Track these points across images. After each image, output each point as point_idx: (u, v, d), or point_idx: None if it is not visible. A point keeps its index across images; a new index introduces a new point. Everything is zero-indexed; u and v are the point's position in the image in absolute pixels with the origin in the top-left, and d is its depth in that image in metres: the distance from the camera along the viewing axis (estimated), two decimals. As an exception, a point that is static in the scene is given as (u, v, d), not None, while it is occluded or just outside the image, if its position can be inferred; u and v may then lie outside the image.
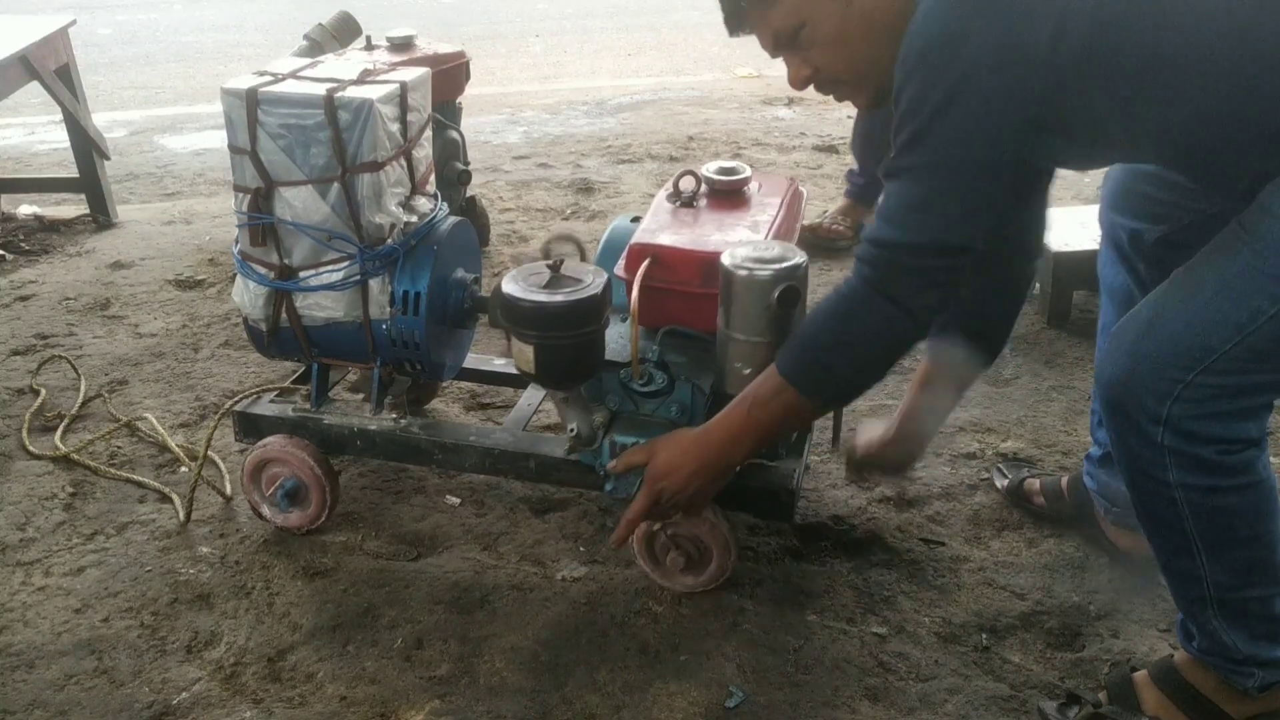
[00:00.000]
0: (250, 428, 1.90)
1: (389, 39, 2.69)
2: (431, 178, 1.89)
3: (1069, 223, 2.64)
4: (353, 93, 1.63)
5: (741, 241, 1.59)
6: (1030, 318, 2.64)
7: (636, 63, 6.07)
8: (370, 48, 2.68)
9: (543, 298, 1.51)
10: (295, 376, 2.01)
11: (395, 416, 1.86)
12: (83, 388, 2.38)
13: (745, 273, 1.50)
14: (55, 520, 1.96)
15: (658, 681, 1.58)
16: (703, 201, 1.80)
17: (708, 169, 1.82)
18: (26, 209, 3.51)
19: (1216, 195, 1.35)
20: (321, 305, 1.76)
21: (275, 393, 1.95)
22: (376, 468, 2.09)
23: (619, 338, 1.68)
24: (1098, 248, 2.47)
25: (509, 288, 1.54)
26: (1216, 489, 1.24)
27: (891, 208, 1.26)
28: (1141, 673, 1.48)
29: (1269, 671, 1.35)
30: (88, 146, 3.34)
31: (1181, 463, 1.23)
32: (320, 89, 1.64)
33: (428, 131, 1.84)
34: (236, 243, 1.78)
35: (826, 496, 1.99)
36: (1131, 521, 1.74)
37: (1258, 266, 1.17)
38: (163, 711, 1.54)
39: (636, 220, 1.80)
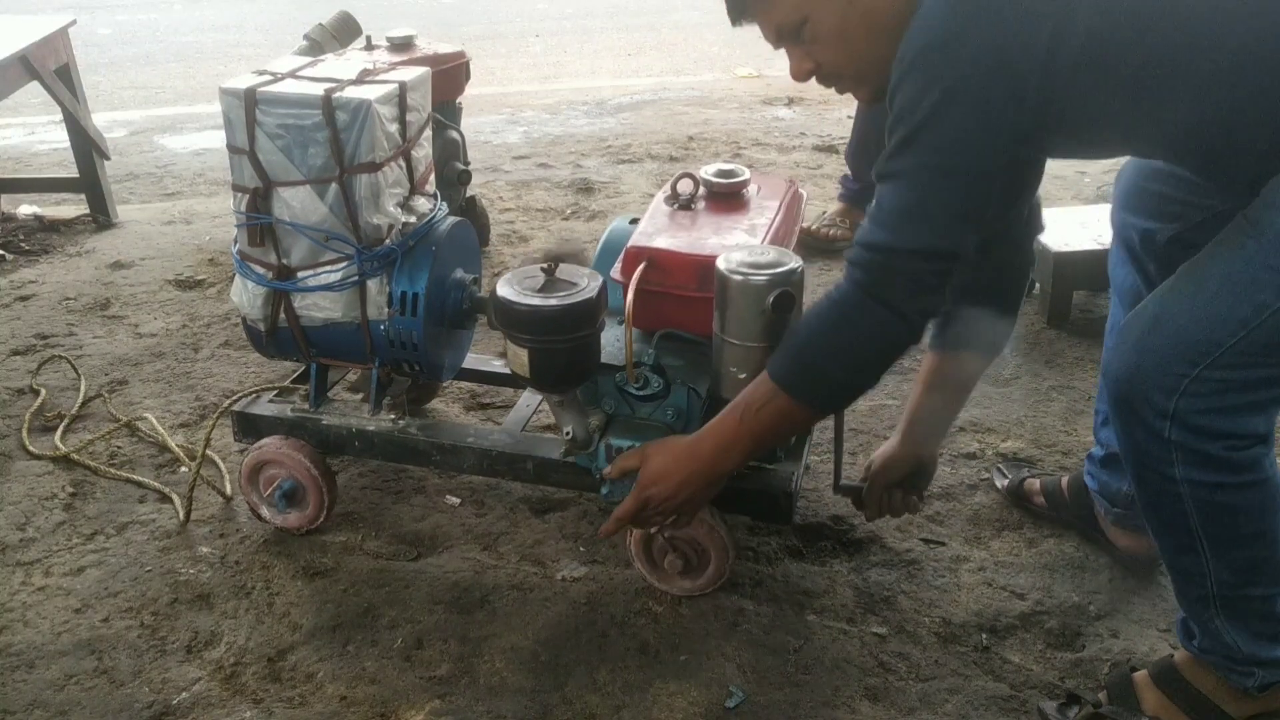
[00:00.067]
0: (249, 428, 1.90)
1: (389, 39, 2.69)
2: (431, 178, 1.89)
3: (1069, 223, 2.64)
4: (351, 93, 1.63)
5: (737, 246, 1.59)
6: (1030, 318, 2.64)
7: (636, 63, 6.07)
8: (370, 48, 2.68)
9: (537, 301, 1.51)
10: (294, 376, 2.01)
11: (394, 417, 1.86)
12: (83, 388, 2.38)
13: (740, 277, 1.49)
14: (55, 520, 1.96)
15: (658, 681, 1.58)
16: (701, 204, 1.80)
17: (706, 171, 1.82)
18: (26, 209, 3.51)
19: (1222, 191, 1.35)
20: (320, 306, 1.75)
21: (274, 393, 1.95)
22: (376, 468, 2.09)
23: (615, 341, 1.68)
24: (1098, 248, 2.49)
25: (504, 291, 1.54)
26: (1223, 486, 1.24)
27: (883, 211, 1.25)
28: (1141, 673, 1.48)
29: (1269, 671, 1.35)
30: (88, 146, 3.34)
31: (1188, 459, 1.23)
32: (318, 89, 1.64)
33: (427, 131, 1.84)
34: (235, 243, 1.78)
35: (826, 496, 1.99)
36: (1132, 522, 1.75)
37: (1262, 260, 1.17)
38: (163, 711, 1.55)
39: (635, 222, 1.80)
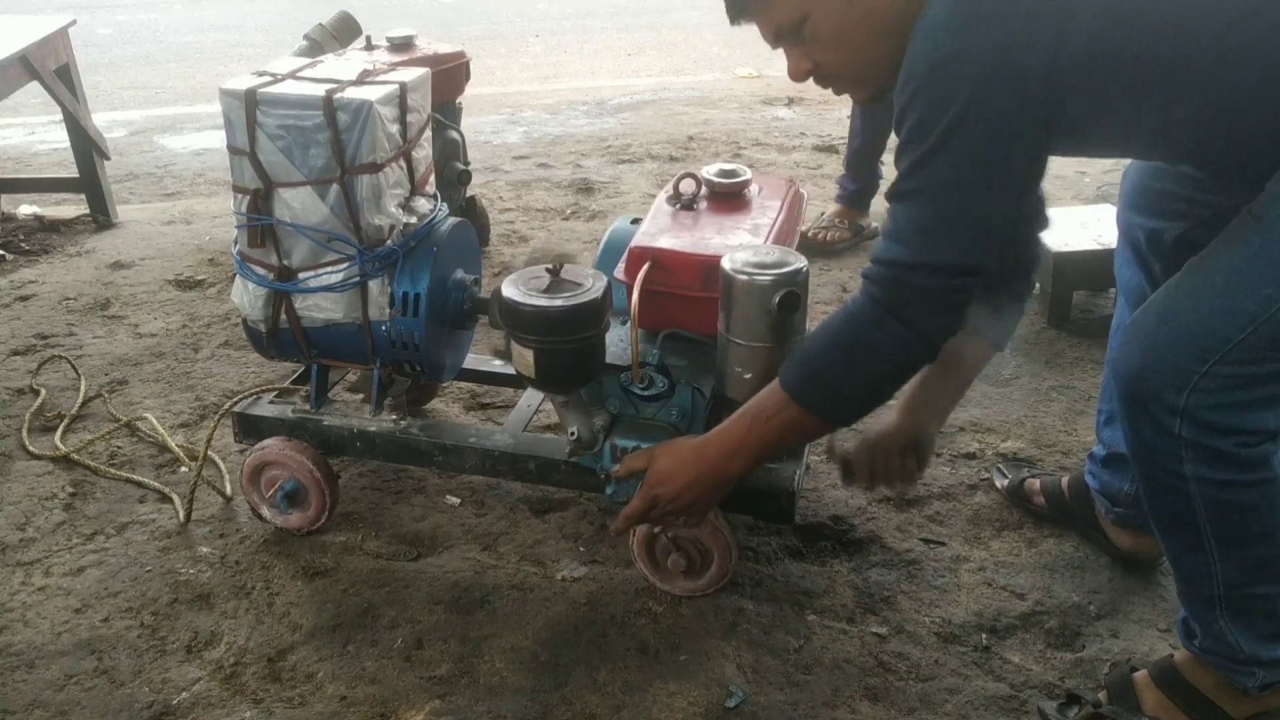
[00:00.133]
0: (250, 428, 1.90)
1: (389, 39, 2.69)
2: (431, 178, 1.89)
3: (1069, 223, 2.64)
4: (352, 94, 1.63)
5: (742, 245, 1.59)
6: (1030, 318, 2.64)
7: (636, 63, 6.07)
8: (370, 48, 2.68)
9: (543, 302, 1.51)
10: (295, 377, 2.01)
11: (395, 418, 1.86)
12: (83, 388, 2.38)
13: (746, 277, 1.49)
14: (55, 520, 1.96)
15: (658, 681, 1.58)
16: (703, 204, 1.80)
17: (708, 171, 1.82)
18: (26, 209, 3.51)
19: (1226, 187, 1.34)
20: (321, 307, 1.76)
21: (275, 393, 1.95)
22: (376, 468, 2.09)
23: (619, 341, 1.68)
24: (1098, 248, 2.49)
25: (509, 292, 1.54)
26: (1232, 483, 1.24)
27: (900, 228, 1.24)
28: (1141, 673, 1.48)
29: (1270, 671, 1.35)
30: (88, 146, 3.34)
31: (1198, 456, 1.23)
32: (319, 90, 1.64)
33: (427, 132, 1.84)
34: (236, 243, 1.78)
35: (826, 496, 1.99)
36: (1134, 522, 1.75)
37: (1268, 255, 1.17)
38: (163, 711, 1.55)
39: (636, 222, 1.80)
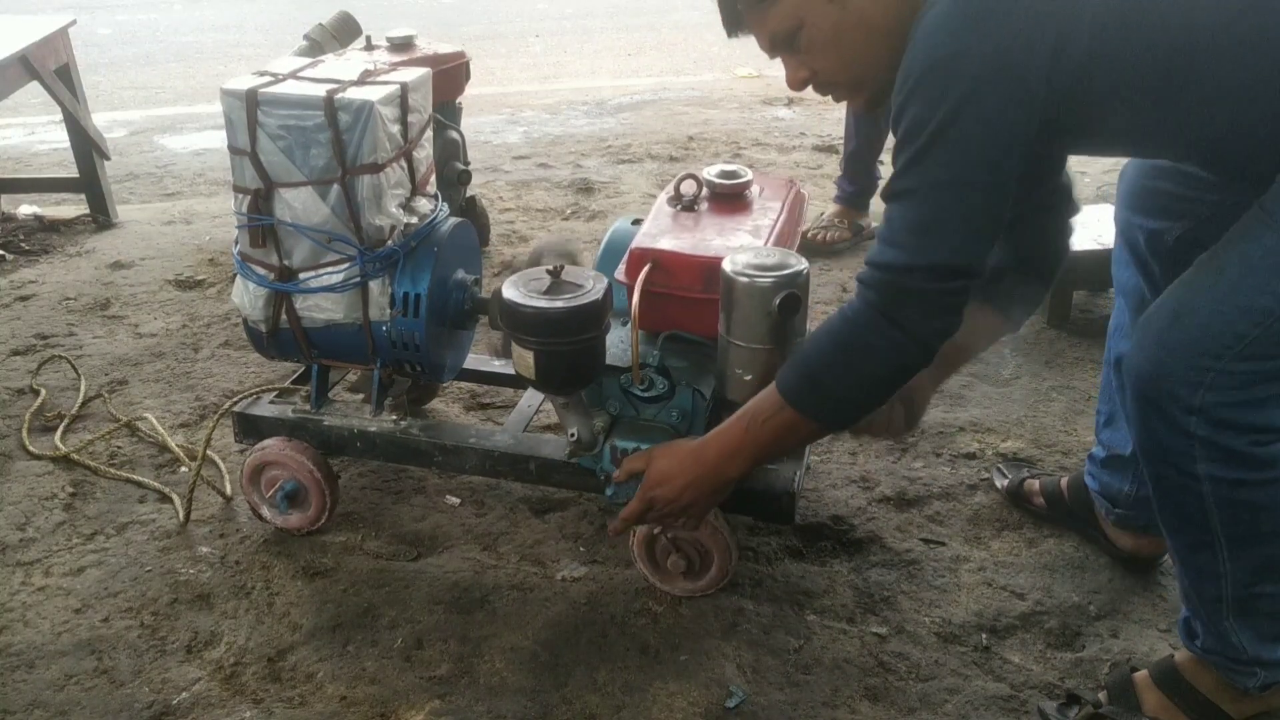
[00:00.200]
0: (250, 429, 1.90)
1: (389, 39, 2.69)
2: (432, 178, 1.89)
3: (1069, 223, 2.64)
4: (353, 94, 1.63)
5: (743, 247, 1.59)
6: (1030, 318, 2.64)
7: (636, 63, 6.07)
8: (370, 48, 2.68)
9: (543, 304, 1.51)
10: (295, 377, 2.01)
11: (395, 418, 1.86)
12: (83, 388, 2.38)
13: (746, 279, 1.49)
14: (55, 520, 1.96)
15: (658, 681, 1.58)
16: (704, 205, 1.80)
17: (709, 172, 1.82)
18: (26, 209, 3.51)
19: (1233, 184, 1.34)
20: (321, 307, 1.75)
21: (275, 393, 1.95)
22: (377, 468, 2.09)
23: (620, 342, 1.68)
24: (1098, 248, 2.49)
25: (509, 293, 1.54)
26: (1245, 483, 1.23)
27: (894, 230, 1.24)
28: (1142, 673, 1.48)
29: (1271, 671, 1.35)
30: (88, 146, 3.34)
31: (1211, 455, 1.22)
32: (320, 90, 1.63)
33: (428, 132, 1.84)
34: (236, 243, 1.78)
35: (826, 496, 2.00)
36: (1134, 523, 1.75)
37: None
38: (163, 711, 1.55)
39: (637, 223, 1.80)
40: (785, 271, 1.50)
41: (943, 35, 1.16)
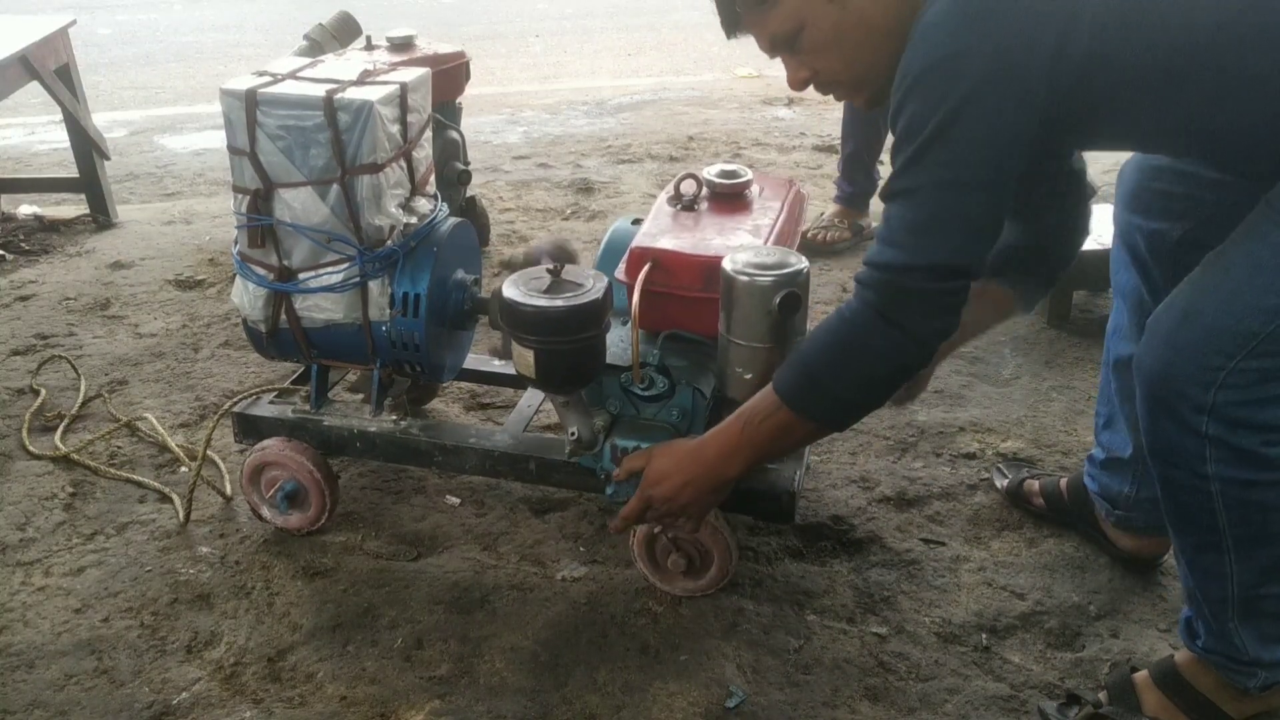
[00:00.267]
0: (250, 429, 1.90)
1: (389, 39, 2.69)
2: (431, 178, 1.89)
3: (1069, 223, 2.64)
4: (352, 94, 1.63)
5: (743, 246, 1.59)
6: (1030, 317, 2.65)
7: (636, 63, 6.07)
8: (370, 48, 2.68)
9: (543, 303, 1.51)
10: (295, 377, 2.01)
11: (395, 418, 1.86)
12: (83, 388, 2.38)
13: (746, 278, 1.49)
14: (55, 520, 1.96)
15: (658, 681, 1.58)
16: (704, 205, 1.80)
17: (709, 172, 1.82)
18: (26, 209, 3.51)
19: (1235, 181, 1.33)
20: (321, 307, 1.75)
21: (275, 393, 1.95)
22: (376, 468, 2.09)
23: (620, 341, 1.68)
24: (1098, 248, 2.48)
25: (510, 292, 1.54)
26: (1255, 483, 1.23)
27: (893, 230, 1.23)
28: (1142, 673, 1.48)
29: (1271, 672, 1.35)
30: (88, 146, 3.34)
31: (1222, 455, 1.22)
32: (320, 90, 1.63)
33: (428, 132, 1.84)
34: (236, 243, 1.78)
35: (826, 496, 2.00)
36: (1133, 524, 1.75)
37: None
38: (163, 711, 1.55)
39: (637, 222, 1.80)
40: (785, 270, 1.50)
41: (942, 35, 1.16)
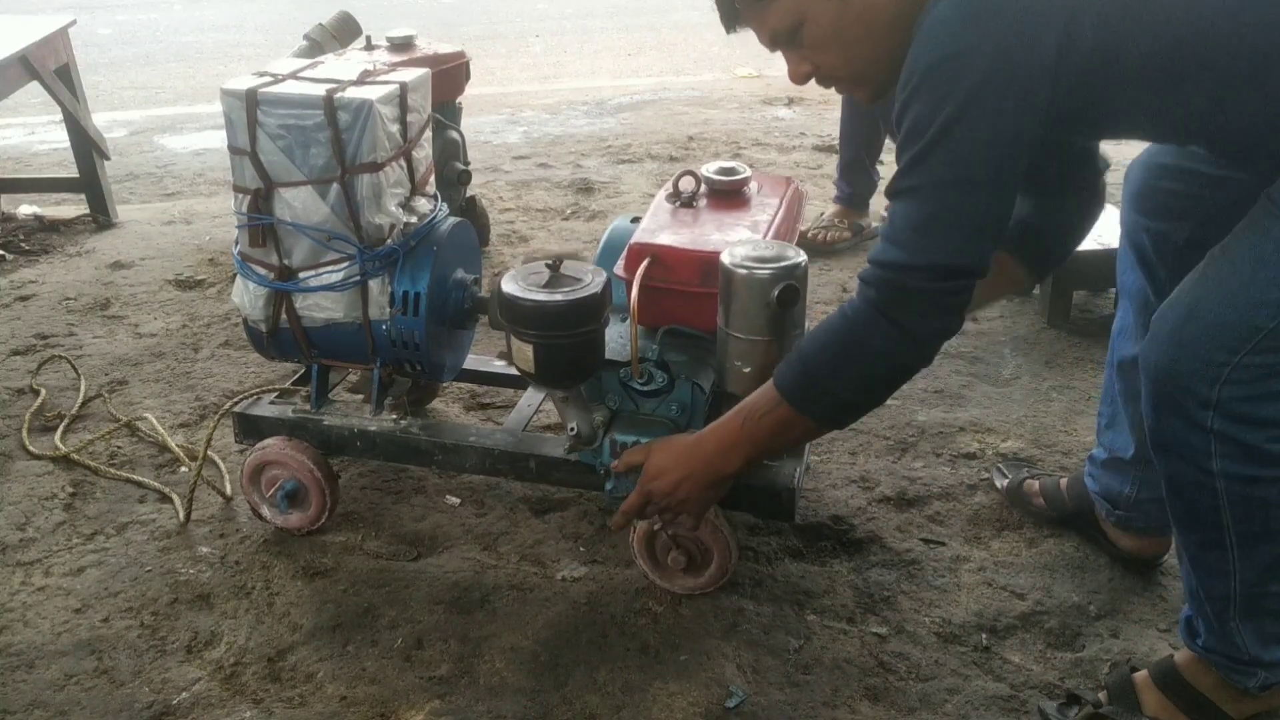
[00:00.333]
0: (250, 429, 1.90)
1: (389, 39, 2.69)
2: (431, 178, 1.89)
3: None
4: (352, 93, 1.63)
5: (741, 240, 1.60)
6: (1030, 318, 2.65)
7: (636, 63, 6.08)
8: (370, 48, 2.69)
9: (542, 297, 1.51)
10: (295, 378, 2.01)
11: (395, 417, 1.86)
12: (83, 388, 2.38)
13: (745, 271, 1.50)
14: (55, 520, 1.96)
15: (658, 681, 1.58)
16: (702, 202, 1.80)
17: (707, 169, 1.82)
18: (26, 209, 3.51)
19: (1243, 177, 1.33)
20: (321, 306, 1.75)
21: (275, 393, 1.95)
22: (377, 468, 2.09)
23: (619, 337, 1.68)
24: (1098, 248, 2.49)
25: (508, 287, 1.54)
26: (1259, 480, 1.23)
27: (897, 228, 1.23)
28: (1142, 673, 1.48)
29: (1271, 672, 1.35)
30: (88, 146, 3.34)
31: (1227, 451, 1.22)
32: (320, 90, 1.64)
33: (428, 132, 1.84)
34: (236, 243, 1.78)
35: (826, 496, 2.00)
36: (1134, 524, 1.75)
37: None
38: (163, 711, 1.55)
39: (636, 220, 1.81)
40: (783, 263, 1.50)
41: (946, 34, 1.15)
